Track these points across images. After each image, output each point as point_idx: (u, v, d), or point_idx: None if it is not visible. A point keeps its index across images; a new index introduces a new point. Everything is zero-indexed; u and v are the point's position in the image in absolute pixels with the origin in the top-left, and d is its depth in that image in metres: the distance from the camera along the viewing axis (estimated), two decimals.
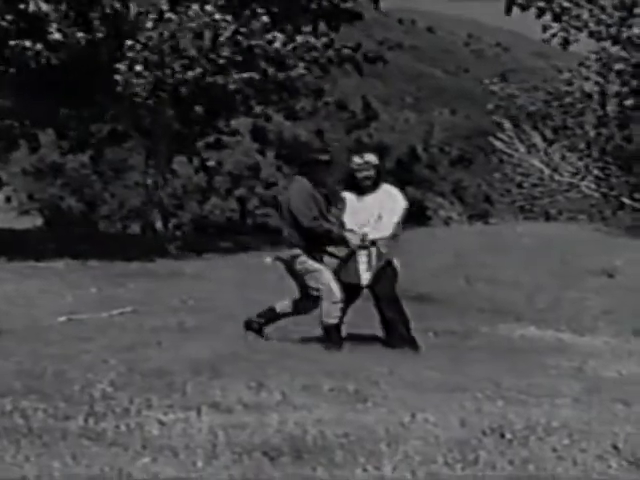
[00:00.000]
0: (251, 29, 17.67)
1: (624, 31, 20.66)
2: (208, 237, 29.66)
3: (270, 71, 18.30)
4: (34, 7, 16.56)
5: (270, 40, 17.88)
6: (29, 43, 16.65)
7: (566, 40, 21.33)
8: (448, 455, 4.49)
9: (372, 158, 8.24)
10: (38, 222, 44.10)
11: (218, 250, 18.85)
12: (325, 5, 19.47)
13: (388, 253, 8.17)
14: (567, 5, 21.03)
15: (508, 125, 24.18)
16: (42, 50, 16.72)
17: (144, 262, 16.14)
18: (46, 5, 16.67)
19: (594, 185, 23.38)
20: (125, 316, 9.91)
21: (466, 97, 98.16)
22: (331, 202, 8.12)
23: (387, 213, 8.11)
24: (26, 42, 16.65)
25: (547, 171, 23.86)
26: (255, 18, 17.74)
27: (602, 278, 14.16)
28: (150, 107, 18.53)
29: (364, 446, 4.59)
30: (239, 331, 8.19)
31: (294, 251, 7.93)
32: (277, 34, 17.98)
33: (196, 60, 17.37)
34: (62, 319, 9.55)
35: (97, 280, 13.36)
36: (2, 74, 17.57)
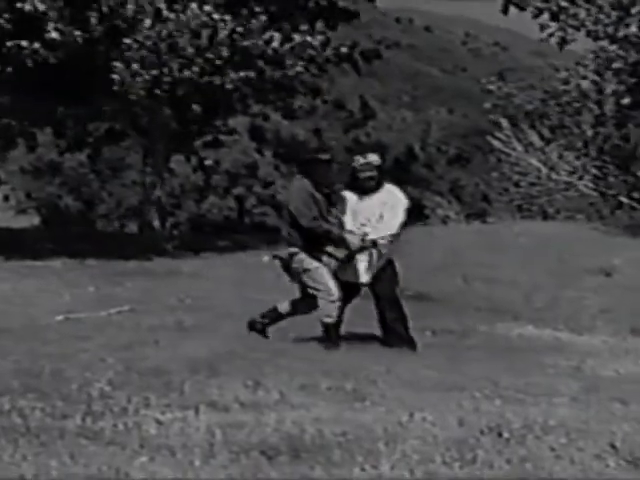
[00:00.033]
0: (249, 28, 17.67)
1: (621, 30, 20.67)
2: (206, 236, 29.61)
3: (268, 70, 18.30)
4: (30, 7, 16.54)
5: (267, 39, 17.88)
6: (26, 42, 16.65)
7: (563, 39, 21.34)
8: (446, 454, 4.49)
9: (375, 158, 8.23)
10: (35, 221, 43.99)
11: (216, 249, 18.85)
12: (323, 4, 19.48)
13: (388, 253, 8.17)
14: (564, 4, 21.04)
15: (505, 124, 24.14)
16: (39, 49, 16.72)
17: (142, 261, 16.16)
18: (42, 4, 16.66)
19: (592, 184, 23.37)
20: (123, 315, 9.91)
21: (463, 96, 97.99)
22: (332, 202, 8.09)
23: (389, 212, 8.11)
24: (23, 41, 16.66)
25: (545, 170, 23.84)
26: (253, 17, 17.74)
27: (600, 277, 14.18)
28: (147, 106, 18.54)
29: (362, 445, 4.59)
30: (237, 330, 8.18)
31: (292, 249, 7.93)
32: (275, 33, 17.98)
33: (193, 59, 17.36)
34: (60, 318, 9.56)
35: (95, 279, 13.37)
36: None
